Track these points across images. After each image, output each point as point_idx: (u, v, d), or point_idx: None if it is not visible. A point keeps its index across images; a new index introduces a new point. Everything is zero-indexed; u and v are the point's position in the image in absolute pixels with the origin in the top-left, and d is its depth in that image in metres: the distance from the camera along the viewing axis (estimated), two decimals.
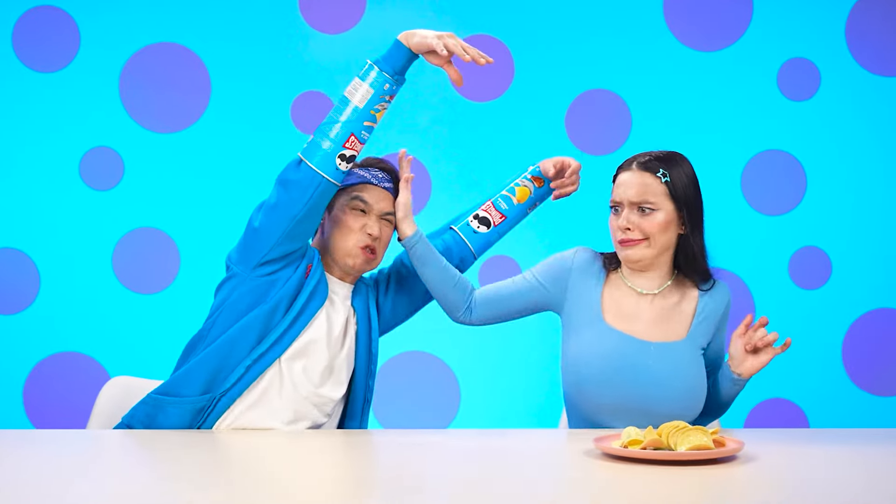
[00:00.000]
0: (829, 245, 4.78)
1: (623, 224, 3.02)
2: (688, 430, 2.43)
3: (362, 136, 2.98)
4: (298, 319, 2.99)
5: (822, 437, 2.88)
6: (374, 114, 2.98)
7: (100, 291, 4.60)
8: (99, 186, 4.61)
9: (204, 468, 2.43)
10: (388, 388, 4.62)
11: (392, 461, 2.58)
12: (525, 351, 4.68)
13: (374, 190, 3.13)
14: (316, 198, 2.94)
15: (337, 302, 3.11)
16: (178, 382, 2.98)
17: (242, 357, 2.96)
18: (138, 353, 4.54)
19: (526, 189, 3.33)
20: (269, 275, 2.99)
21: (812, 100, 4.78)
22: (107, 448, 2.69)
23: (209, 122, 4.64)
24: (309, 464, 2.53)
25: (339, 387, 3.08)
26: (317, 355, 3.02)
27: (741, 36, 4.78)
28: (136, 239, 4.62)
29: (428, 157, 4.73)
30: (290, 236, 2.96)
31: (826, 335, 4.76)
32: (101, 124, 4.62)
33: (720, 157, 4.77)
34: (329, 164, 2.95)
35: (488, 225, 3.32)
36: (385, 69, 2.98)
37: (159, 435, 2.84)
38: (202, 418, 2.95)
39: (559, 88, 4.77)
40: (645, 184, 3.02)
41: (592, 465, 2.40)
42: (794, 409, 4.74)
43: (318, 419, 3.05)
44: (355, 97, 2.97)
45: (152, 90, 4.64)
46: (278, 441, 2.79)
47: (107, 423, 3.14)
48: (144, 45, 4.63)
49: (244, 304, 2.99)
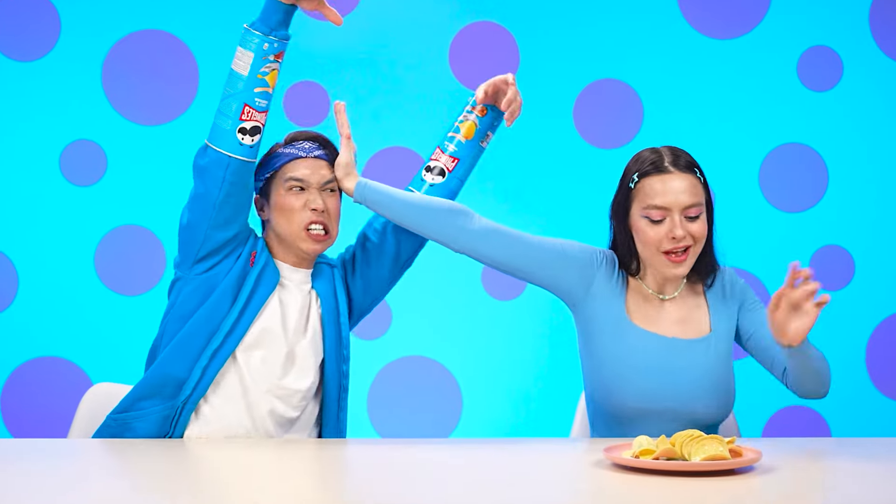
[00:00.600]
0: (852, 244, 4.78)
1: (679, 233, 2.96)
2: (703, 439, 2.42)
3: (258, 103, 2.98)
4: (247, 308, 3.00)
5: (844, 447, 2.87)
6: (262, 77, 2.98)
7: (81, 293, 4.59)
8: (80, 182, 4.60)
9: (182, 478, 2.46)
10: (386, 395, 4.62)
11: (390, 472, 2.58)
12: (531, 355, 4.68)
13: (304, 162, 3.12)
14: (230, 179, 2.95)
15: (291, 287, 3.10)
16: (136, 398, 3.01)
17: (197, 356, 2.97)
18: (122, 358, 4.52)
19: (470, 123, 3.26)
20: (208, 270, 3.01)
21: (834, 90, 4.78)
22: (87, 458, 2.70)
23: (197, 113, 4.64)
24: (298, 476, 2.52)
25: (304, 376, 3.07)
26: (275, 345, 3.03)
27: (759, 23, 4.78)
28: (120, 237, 4.62)
29: (428, 149, 4.72)
30: (217, 224, 2.98)
31: (849, 339, 4.75)
32: (82, 116, 4.62)
33: (737, 151, 4.77)
34: (231, 140, 2.97)
35: (443, 174, 3.24)
36: (260, 29, 2.99)
37: (136, 444, 2.85)
38: (170, 428, 2.97)
39: (566, 78, 4.77)
40: (693, 185, 3.00)
41: (602, 476, 2.40)
42: (816, 416, 4.74)
43: (288, 412, 3.05)
44: (240, 66, 2.98)
45: (137, 80, 4.63)
46: (259, 451, 2.79)
47: (88, 431, 3.14)
48: (129, 33, 4.63)
49: (190, 304, 3.01)
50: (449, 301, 4.67)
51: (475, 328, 4.69)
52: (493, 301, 4.70)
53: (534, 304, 4.65)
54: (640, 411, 3.00)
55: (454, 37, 4.73)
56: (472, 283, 4.65)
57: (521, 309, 4.69)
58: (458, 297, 4.66)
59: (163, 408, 2.96)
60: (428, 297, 4.65)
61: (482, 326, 4.68)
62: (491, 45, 4.74)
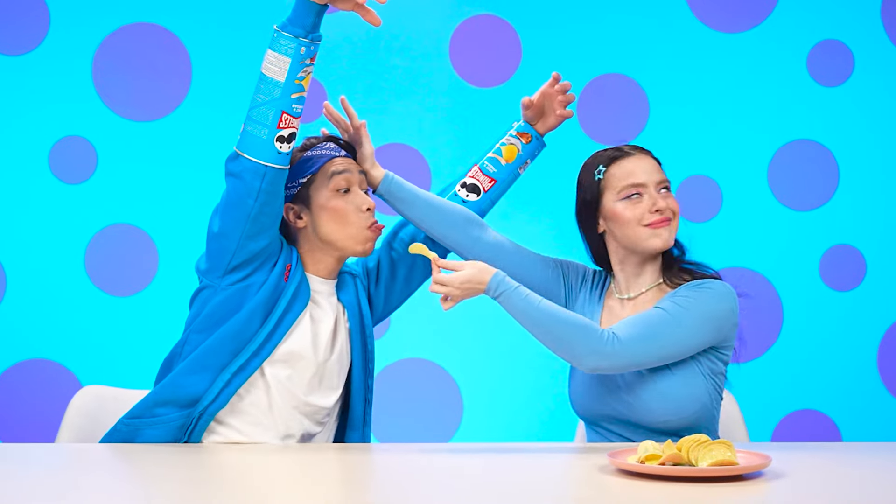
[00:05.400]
0: (863, 243, 4.78)
1: (662, 204, 3.04)
2: (710, 444, 2.42)
3: (294, 109, 2.92)
4: (279, 327, 2.98)
5: (855, 452, 2.88)
6: (299, 83, 2.91)
7: (71, 293, 4.59)
8: (70, 179, 4.61)
9: (191, 485, 2.44)
10: (385, 398, 4.62)
11: (389, 478, 2.58)
12: (533, 357, 4.67)
13: (342, 162, 3.10)
14: (266, 188, 2.91)
15: (321, 301, 3.09)
16: (150, 404, 2.98)
17: (219, 371, 2.95)
18: (112, 360, 4.53)
19: (513, 147, 3.31)
20: (241, 280, 2.98)
21: (845, 85, 4.78)
22: (86, 463, 2.70)
23: (190, 109, 4.65)
24: (301, 481, 2.53)
25: (331, 393, 3.07)
26: (303, 362, 3.01)
27: (768, 16, 4.79)
28: (111, 236, 4.62)
29: (427, 146, 4.73)
30: (251, 234, 2.94)
31: (860, 341, 4.76)
32: (72, 112, 4.62)
33: (745, 148, 4.77)
34: (268, 149, 2.90)
35: (478, 192, 3.28)
36: (295, 32, 2.88)
37: (142, 449, 2.84)
38: (185, 436, 2.96)
39: (570, 72, 4.74)
40: (657, 166, 3.13)
41: (607, 481, 2.40)
42: (826, 420, 4.74)
43: (311, 429, 3.05)
44: (274, 72, 2.89)
45: (128, 75, 4.63)
46: (270, 457, 2.79)
47: (78, 435, 3.15)
48: (120, 26, 4.63)
49: (218, 315, 2.98)
50: None
51: (476, 329, 4.68)
52: (495, 302, 4.69)
53: None
54: (597, 417, 3.07)
55: (454, 30, 4.73)
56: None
57: None
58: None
59: (179, 416, 2.95)
60: (427, 297, 4.62)
61: (483, 328, 4.66)
62: (492, 39, 4.74)
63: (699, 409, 2.99)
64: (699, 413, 2.99)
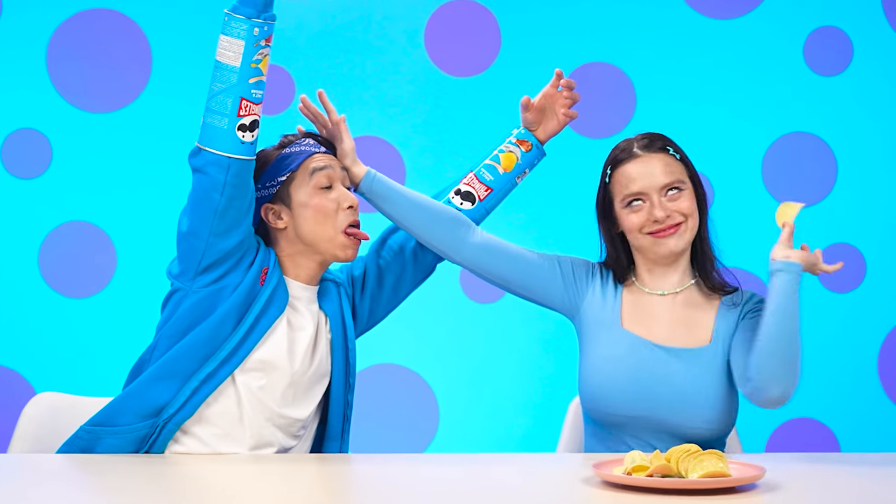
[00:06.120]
0: (863, 242, 4.79)
1: (660, 214, 3.04)
2: (700, 454, 2.42)
3: (254, 95, 2.91)
4: (252, 333, 2.95)
5: (854, 463, 2.88)
6: (256, 66, 2.90)
7: (24, 295, 4.59)
8: (23, 174, 4.59)
9: (153, 497, 2.44)
10: (356, 406, 4.59)
11: (359, 492, 2.56)
12: (514, 363, 4.68)
13: (323, 158, 3.09)
14: (232, 181, 2.89)
15: (301, 308, 3.06)
16: (113, 411, 2.95)
17: (187, 378, 2.92)
18: (68, 365, 4.53)
19: (512, 155, 3.31)
20: (213, 282, 2.95)
21: (843, 74, 4.79)
22: (39, 474, 2.68)
23: (151, 100, 4.64)
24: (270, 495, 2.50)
25: (307, 405, 3.05)
26: (278, 372, 2.98)
27: (762, 1, 4.78)
28: (66, 235, 4.60)
29: (402, 138, 4.72)
30: (220, 231, 2.91)
31: (860, 345, 4.77)
32: (25, 103, 4.62)
33: (738, 141, 4.78)
34: (230, 140, 2.89)
35: (472, 200, 3.27)
36: (247, 13, 2.88)
37: (101, 460, 2.82)
38: (145, 446, 2.92)
39: (552, 61, 4.74)
40: (667, 163, 3.10)
41: (591, 494, 2.40)
42: (823, 429, 4.74)
43: (285, 442, 3.02)
44: (229, 57, 2.89)
45: (85, 63, 4.63)
46: (239, 467, 2.78)
47: (32, 445, 3.11)
48: (76, 12, 4.62)
49: (190, 319, 2.95)
50: (424, 304, 4.61)
51: (453, 334, 4.70)
52: (473, 304, 4.69)
53: (517, 307, 4.60)
54: (627, 423, 3.03)
55: (430, 17, 4.73)
56: (449, 285, 4.63)
57: (503, 313, 4.68)
58: (434, 300, 4.62)
59: (142, 425, 2.92)
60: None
61: (460, 332, 4.68)
62: (470, 25, 4.75)
63: (732, 422, 3.08)
64: (731, 425, 3.08)
